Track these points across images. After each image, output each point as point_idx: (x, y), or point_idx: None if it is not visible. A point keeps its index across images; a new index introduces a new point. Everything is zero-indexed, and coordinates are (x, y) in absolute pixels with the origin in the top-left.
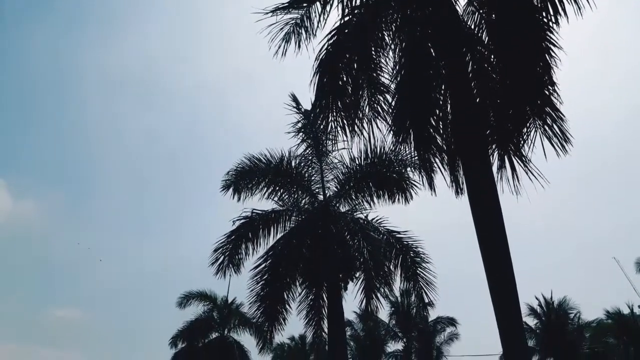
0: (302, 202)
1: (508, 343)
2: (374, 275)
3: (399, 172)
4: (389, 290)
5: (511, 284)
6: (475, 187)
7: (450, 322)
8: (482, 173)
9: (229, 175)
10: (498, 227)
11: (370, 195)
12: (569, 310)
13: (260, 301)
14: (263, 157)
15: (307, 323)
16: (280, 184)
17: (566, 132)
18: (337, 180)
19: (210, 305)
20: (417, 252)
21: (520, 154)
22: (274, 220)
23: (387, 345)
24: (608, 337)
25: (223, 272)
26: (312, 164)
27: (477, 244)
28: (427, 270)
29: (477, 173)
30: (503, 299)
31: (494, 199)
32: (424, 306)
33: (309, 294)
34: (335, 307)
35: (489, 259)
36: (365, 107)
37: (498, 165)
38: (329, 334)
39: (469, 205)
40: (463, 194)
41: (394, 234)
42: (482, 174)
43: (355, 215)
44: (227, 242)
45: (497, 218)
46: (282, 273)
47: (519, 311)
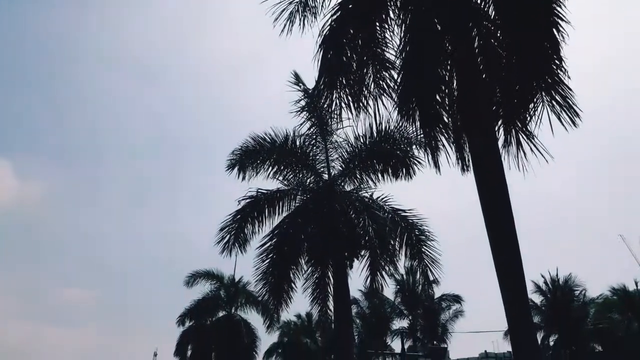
0: (307, 181)
1: (513, 319)
2: (379, 253)
3: (404, 150)
4: (394, 268)
5: (517, 260)
6: (481, 163)
7: (456, 299)
8: (488, 149)
9: (234, 154)
10: (504, 204)
11: (375, 174)
12: (574, 288)
13: (266, 279)
14: (268, 137)
15: (313, 301)
16: (285, 163)
17: (575, 107)
18: (341, 159)
19: (217, 284)
20: (422, 230)
21: (527, 130)
22: (279, 199)
23: (393, 322)
24: (613, 313)
25: (229, 250)
26: (317, 143)
27: (483, 222)
28: (432, 248)
29: (483, 149)
30: (509, 275)
31: (500, 176)
32: (429, 284)
33: (315, 272)
34: (341, 285)
35: (494, 236)
36: (370, 84)
37: (504, 142)
38: (335, 312)
39: (474, 182)
40: (469, 171)
41: (399, 212)
42: (488, 150)
43: (360, 194)
44: (233, 222)
45: (503, 195)
46: (288, 251)
47: (525, 287)
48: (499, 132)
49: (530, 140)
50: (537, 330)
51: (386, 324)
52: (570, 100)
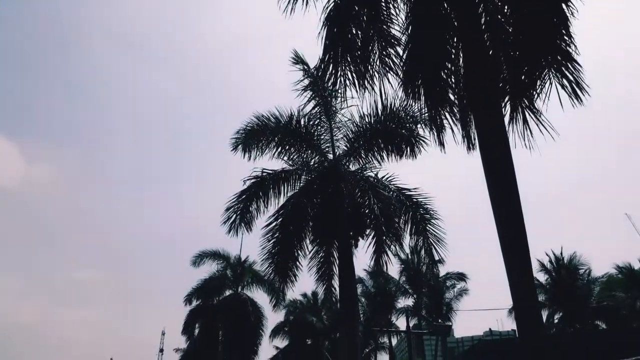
0: (312, 161)
1: (518, 297)
2: (385, 232)
3: (409, 129)
4: (399, 247)
5: (522, 238)
6: (487, 141)
7: (460, 278)
8: (494, 127)
9: (238, 134)
10: (510, 182)
11: (380, 153)
12: (579, 266)
13: (272, 258)
14: (272, 116)
15: (318, 280)
16: (289, 143)
17: (582, 83)
18: (346, 139)
19: (223, 263)
20: (427, 209)
21: (533, 106)
22: (284, 179)
23: (397, 301)
24: (617, 292)
25: (235, 230)
26: (321, 122)
27: (488, 200)
28: (436, 226)
29: (489, 127)
30: (514, 253)
31: (505, 153)
32: (433, 262)
33: (320, 251)
34: (346, 264)
35: (500, 214)
36: (375, 61)
37: (510, 118)
38: (341, 291)
39: (480, 160)
40: (475, 149)
41: (404, 192)
42: (494, 128)
43: (365, 174)
44: (238, 202)
45: (509, 172)
46: (293, 231)
47: (530, 265)
48: (505, 109)
49: (537, 117)
50: (541, 308)
51: (391, 302)
52: (577, 77)
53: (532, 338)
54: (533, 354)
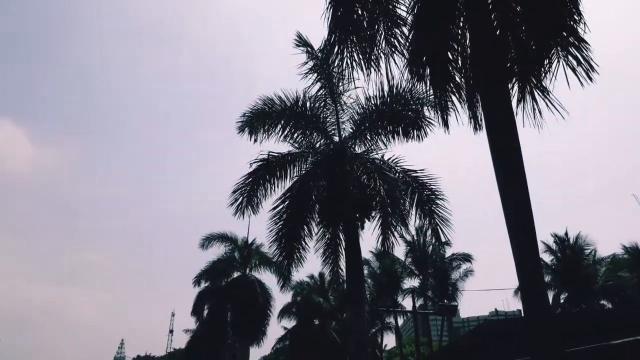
0: (318, 144)
1: (525, 276)
2: (390, 213)
3: (415, 111)
4: (404, 228)
5: (528, 218)
6: (493, 121)
7: (466, 258)
8: (501, 106)
9: (244, 117)
10: (516, 162)
11: (386, 135)
12: (584, 247)
13: (279, 241)
14: (278, 99)
15: (325, 261)
16: (295, 126)
17: (591, 61)
18: (352, 121)
19: (231, 246)
20: (433, 190)
21: (542, 86)
22: (290, 162)
23: (403, 282)
24: (623, 272)
25: (242, 212)
26: (327, 104)
27: (494, 181)
28: (442, 207)
29: (496, 107)
30: (520, 233)
31: (512, 134)
32: (439, 243)
33: (326, 233)
34: (352, 246)
35: (506, 194)
36: (381, 42)
37: (518, 99)
38: (347, 272)
39: (487, 141)
40: (481, 130)
41: (410, 173)
42: (501, 108)
43: (371, 156)
44: (245, 184)
45: (516, 153)
46: (299, 213)
47: (536, 245)
48: (512, 89)
49: (545, 97)
50: (547, 289)
51: (397, 283)
52: (586, 55)
53: (538, 318)
54: (539, 334)
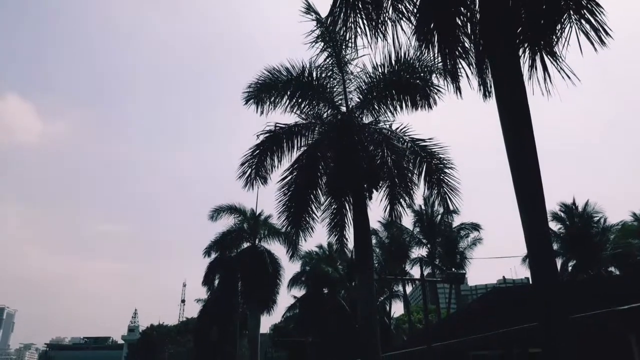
0: (325, 114)
1: (533, 243)
2: (398, 183)
3: (423, 79)
4: (412, 198)
5: (537, 186)
6: (503, 87)
7: (474, 227)
8: (511, 72)
9: (250, 88)
10: (526, 129)
11: (394, 104)
12: (593, 215)
13: (287, 211)
14: (284, 69)
15: (331, 230)
16: (302, 96)
17: (605, 25)
18: (359, 90)
19: (240, 217)
20: (441, 159)
21: (553, 52)
22: (297, 133)
23: (411, 251)
24: (632, 239)
25: (250, 184)
26: (334, 74)
27: (503, 149)
28: (451, 176)
29: (506, 73)
30: (529, 201)
31: (522, 100)
32: (448, 212)
33: (333, 203)
34: (360, 216)
35: (515, 161)
36: (388, 8)
37: (528, 65)
38: (355, 241)
39: (497, 109)
40: (491, 97)
41: (418, 142)
42: (511, 74)
43: (379, 126)
44: (252, 156)
45: (525, 120)
46: (307, 184)
47: (545, 213)
48: (523, 55)
49: (556, 62)
50: (555, 256)
51: (405, 252)
52: (599, 19)
53: (546, 285)
54: (547, 301)
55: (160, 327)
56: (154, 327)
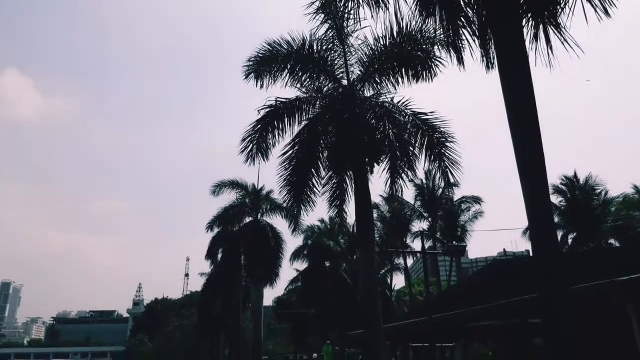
0: (326, 87)
1: (534, 216)
2: (399, 156)
3: (425, 50)
4: (413, 171)
5: (539, 158)
6: (506, 58)
7: (475, 200)
8: (514, 43)
9: (250, 62)
10: (528, 101)
11: (395, 77)
12: (595, 187)
13: (288, 185)
14: (284, 42)
15: (331, 203)
16: (302, 69)
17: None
18: (360, 63)
19: (242, 192)
20: (443, 132)
21: (556, 23)
22: (298, 107)
23: (412, 224)
24: (634, 210)
25: (252, 159)
26: (335, 46)
27: (506, 121)
28: (452, 150)
29: (509, 43)
30: (531, 173)
31: (525, 71)
32: (449, 185)
33: (333, 177)
34: (362, 190)
35: (517, 133)
36: None
37: (532, 35)
38: (357, 215)
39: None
40: (493, 68)
41: (420, 116)
42: (514, 44)
43: (380, 99)
44: (254, 131)
45: (528, 91)
46: (308, 158)
47: (546, 185)
48: (526, 25)
49: (560, 34)
50: (555, 229)
51: (406, 226)
52: None
53: (547, 257)
54: (548, 272)
55: (165, 300)
56: (158, 300)
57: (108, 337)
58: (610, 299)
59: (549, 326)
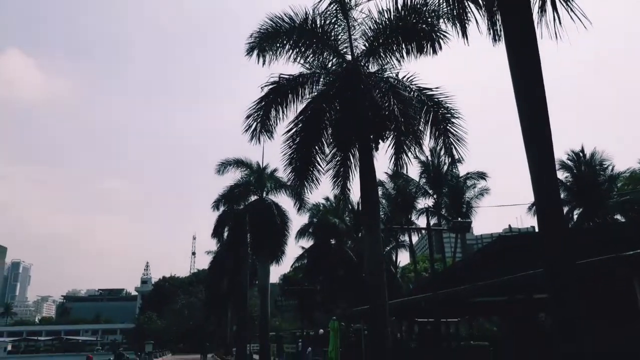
0: (330, 63)
1: (540, 190)
2: (404, 132)
3: (430, 24)
4: (419, 148)
5: (546, 132)
6: (513, 31)
7: (481, 176)
8: (521, 14)
9: (252, 38)
10: (535, 73)
11: (400, 51)
12: (603, 162)
13: (292, 163)
14: (286, 17)
15: (335, 180)
16: (305, 45)
17: None
18: (365, 38)
19: (247, 171)
20: (448, 108)
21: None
22: (302, 84)
23: (417, 201)
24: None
25: (256, 137)
26: (338, 21)
27: (512, 95)
28: (457, 126)
29: (516, 14)
30: (537, 148)
31: (532, 44)
32: (454, 162)
33: (337, 154)
34: (366, 167)
35: (523, 107)
36: None
37: (539, 7)
38: (362, 192)
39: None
40: (500, 41)
41: (425, 91)
42: (521, 16)
43: (385, 75)
44: (257, 109)
45: (535, 64)
46: (313, 136)
47: (553, 160)
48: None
49: (567, 5)
50: (562, 203)
51: (411, 203)
52: None
53: (552, 231)
54: (553, 247)
55: (172, 278)
56: (166, 278)
57: (117, 314)
58: (616, 274)
59: (554, 301)
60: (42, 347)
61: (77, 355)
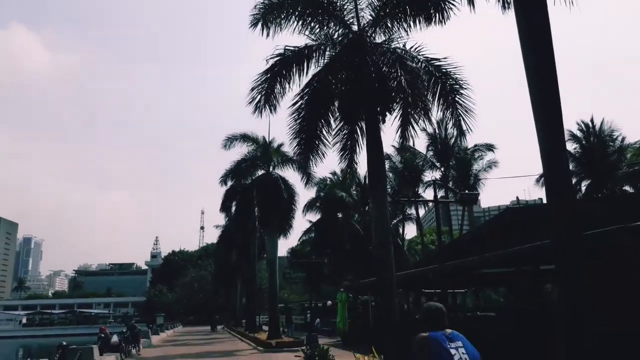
0: (335, 34)
1: (549, 160)
2: (412, 104)
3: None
4: (426, 120)
5: (555, 103)
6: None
7: (488, 148)
8: None
9: (256, 9)
10: (544, 41)
11: (407, 21)
12: (612, 133)
13: (298, 137)
14: None
15: (342, 154)
16: (311, 15)
17: None
18: (371, 7)
19: (253, 145)
20: (456, 79)
21: None
22: (307, 56)
23: (424, 174)
24: None
25: (260, 111)
26: None
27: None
28: (466, 97)
29: None
30: (546, 119)
31: (542, 11)
32: (462, 134)
33: (344, 128)
34: (373, 140)
35: (533, 79)
36: None
37: None
38: (369, 165)
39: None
40: (510, 8)
41: (433, 62)
42: None
43: (392, 45)
44: (262, 81)
45: (545, 31)
46: (319, 109)
47: (562, 131)
48: None
49: None
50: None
51: (418, 176)
52: None
53: (560, 201)
54: (561, 217)
55: (182, 252)
56: (175, 252)
57: (128, 288)
58: (623, 244)
59: (561, 272)
60: (56, 319)
61: (90, 328)
